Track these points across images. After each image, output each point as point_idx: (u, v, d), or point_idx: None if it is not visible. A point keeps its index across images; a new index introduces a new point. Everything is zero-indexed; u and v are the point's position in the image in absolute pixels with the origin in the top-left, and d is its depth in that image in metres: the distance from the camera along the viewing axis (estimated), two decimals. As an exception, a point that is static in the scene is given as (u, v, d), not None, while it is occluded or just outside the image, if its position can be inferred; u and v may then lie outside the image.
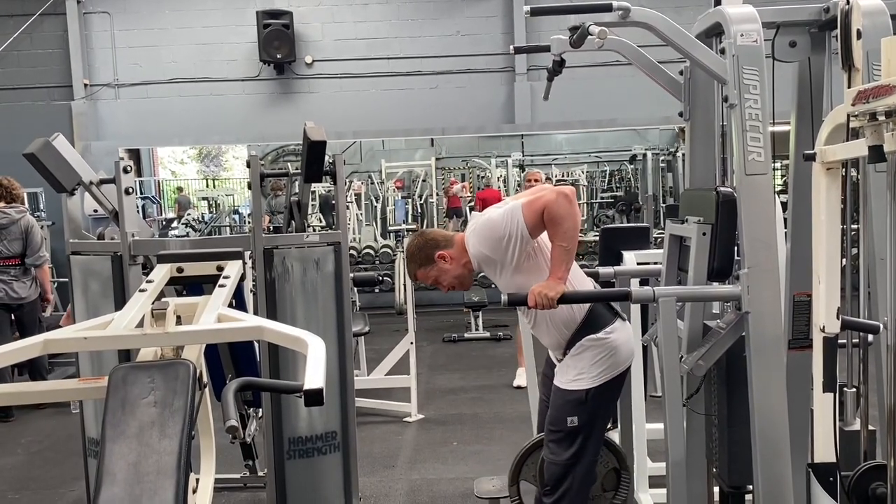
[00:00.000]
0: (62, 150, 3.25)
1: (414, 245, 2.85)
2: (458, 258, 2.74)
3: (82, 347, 2.34)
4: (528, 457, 2.90)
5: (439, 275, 2.78)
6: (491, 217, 2.65)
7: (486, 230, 2.63)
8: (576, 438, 2.63)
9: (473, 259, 2.68)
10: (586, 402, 2.61)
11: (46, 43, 9.41)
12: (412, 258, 2.83)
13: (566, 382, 2.64)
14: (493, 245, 2.60)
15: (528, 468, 2.91)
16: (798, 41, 2.42)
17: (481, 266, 2.70)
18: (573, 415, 2.62)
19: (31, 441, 5.12)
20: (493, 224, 2.61)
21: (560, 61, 2.50)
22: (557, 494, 2.67)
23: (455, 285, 2.82)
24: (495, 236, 2.59)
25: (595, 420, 2.66)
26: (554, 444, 2.68)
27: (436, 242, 2.78)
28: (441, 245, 2.76)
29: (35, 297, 5.83)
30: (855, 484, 1.87)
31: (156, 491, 1.55)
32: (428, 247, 2.78)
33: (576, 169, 12.57)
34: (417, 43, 9.35)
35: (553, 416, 2.70)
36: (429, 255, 2.77)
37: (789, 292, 2.55)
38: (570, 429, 2.62)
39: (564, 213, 2.48)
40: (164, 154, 17.44)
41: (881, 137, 1.55)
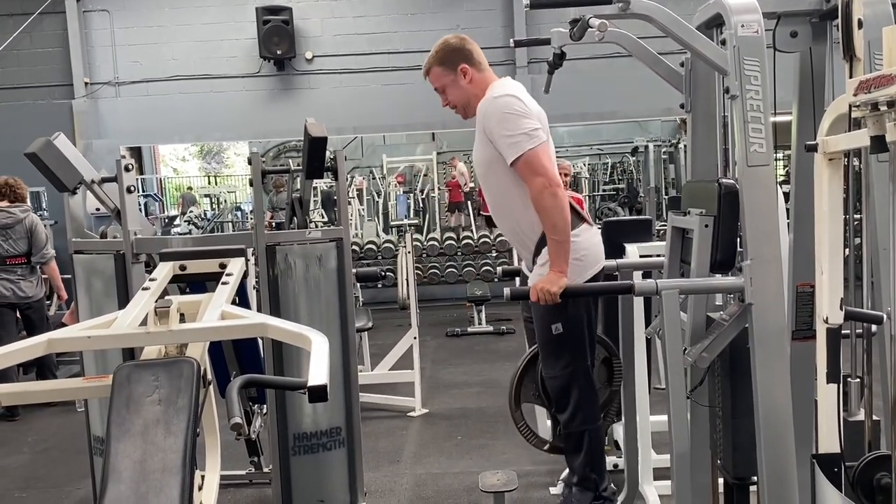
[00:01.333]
0: (63, 148, 3.25)
1: (448, 42, 2.76)
2: (476, 86, 2.70)
3: (86, 346, 2.35)
4: (524, 377, 2.93)
5: (451, 85, 2.72)
6: (507, 114, 2.60)
7: (495, 112, 2.61)
8: (564, 344, 2.66)
9: (478, 108, 2.66)
10: (566, 307, 2.62)
11: (46, 42, 9.40)
12: (438, 53, 2.73)
13: None
14: (490, 125, 2.60)
15: (527, 388, 2.93)
16: (799, 31, 2.41)
17: (477, 117, 2.69)
18: (555, 321, 2.65)
19: (36, 440, 5.14)
20: (502, 119, 2.59)
21: (560, 54, 2.50)
22: (570, 407, 2.71)
23: (458, 106, 2.77)
24: (492, 124, 2.59)
25: (578, 321, 2.68)
26: (547, 357, 2.72)
27: (469, 54, 2.71)
28: (473, 61, 2.71)
29: (42, 296, 5.85)
30: (859, 474, 1.86)
31: (161, 488, 1.56)
32: (461, 53, 2.70)
33: (578, 161, 12.58)
34: (417, 37, 9.32)
35: (538, 328, 2.73)
36: (454, 61, 2.70)
37: (792, 283, 2.54)
38: (556, 336, 2.65)
39: (548, 209, 2.53)
40: (165, 152, 17.46)
41: (883, 127, 1.54)
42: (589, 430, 2.76)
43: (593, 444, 2.78)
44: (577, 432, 2.77)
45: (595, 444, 2.79)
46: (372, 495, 3.84)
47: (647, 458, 3.45)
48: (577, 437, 2.78)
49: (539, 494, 3.77)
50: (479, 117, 2.70)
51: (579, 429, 2.75)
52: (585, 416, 2.74)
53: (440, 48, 2.73)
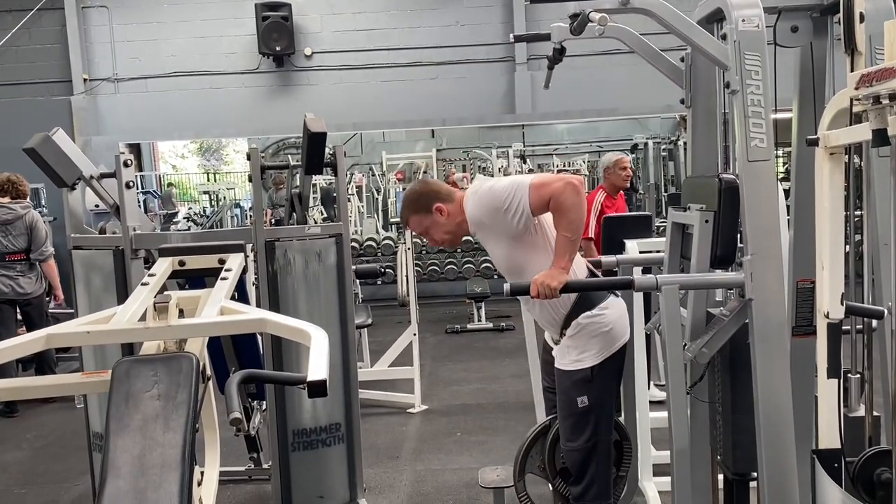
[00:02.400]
0: (62, 144, 3.25)
1: (414, 191, 2.81)
2: (455, 215, 2.72)
3: (85, 342, 2.34)
4: (531, 448, 2.89)
5: (432, 226, 2.75)
6: (494, 186, 2.62)
7: (487, 197, 2.61)
8: (589, 418, 2.63)
9: (469, 221, 2.66)
10: (592, 381, 2.61)
11: (45, 38, 9.38)
12: (409, 204, 2.78)
13: (569, 364, 2.64)
14: (491, 213, 2.59)
15: (534, 459, 2.89)
16: (800, 26, 2.40)
17: (475, 229, 2.69)
18: (582, 394, 2.62)
19: (36, 436, 5.14)
20: (496, 193, 2.58)
21: (560, 49, 2.49)
22: (586, 481, 2.68)
23: (445, 241, 2.80)
24: (494, 205, 2.57)
25: (604, 396, 2.66)
26: (569, 429, 2.68)
27: (436, 193, 2.75)
28: (441, 197, 2.73)
29: (41, 292, 5.85)
30: (860, 470, 1.86)
31: (160, 484, 1.56)
32: (428, 196, 2.74)
33: (577, 158, 12.56)
34: (417, 33, 9.31)
35: (563, 401, 2.69)
36: (426, 205, 2.73)
37: (792, 279, 2.54)
38: (581, 409, 2.63)
39: (571, 205, 2.49)
40: (164, 148, 17.45)
41: (885, 121, 1.54)
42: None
43: None
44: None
45: None
46: (371, 491, 3.84)
47: (647, 455, 3.45)
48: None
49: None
50: (475, 225, 2.67)
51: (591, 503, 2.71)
52: (599, 491, 2.69)
53: (411, 200, 2.79)
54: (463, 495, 3.81)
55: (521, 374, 5.37)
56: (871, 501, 1.82)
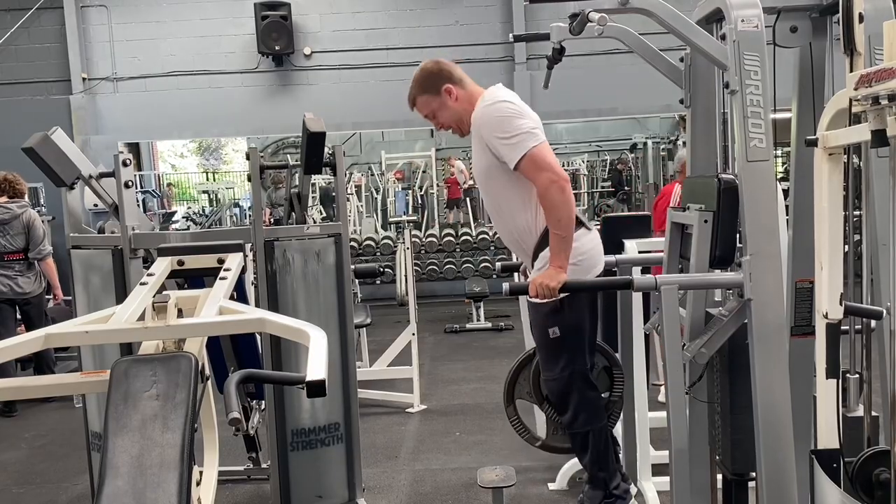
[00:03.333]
0: (61, 144, 3.24)
1: (425, 69, 2.76)
2: (464, 102, 2.69)
3: (84, 341, 2.33)
4: (519, 374, 2.96)
5: (440, 108, 2.72)
6: (504, 117, 2.60)
7: (492, 118, 2.60)
8: (562, 348, 2.67)
9: (472, 119, 2.66)
10: (562, 310, 2.63)
11: (44, 37, 9.37)
12: (418, 81, 2.74)
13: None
14: (487, 130, 2.59)
15: (522, 385, 2.96)
16: (799, 26, 2.41)
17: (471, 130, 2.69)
18: (553, 325, 2.65)
19: (34, 436, 5.14)
20: (501, 123, 2.58)
21: (560, 49, 2.49)
22: (571, 409, 2.72)
23: (451, 125, 2.77)
24: (492, 126, 2.58)
25: (576, 326, 2.68)
26: (545, 360, 2.73)
27: (449, 74, 2.70)
28: (454, 80, 2.70)
29: (40, 291, 5.84)
30: (858, 470, 1.86)
31: (159, 484, 1.55)
32: (439, 76, 2.70)
33: (576, 158, 12.58)
34: (416, 33, 9.31)
35: (536, 333, 2.74)
36: (436, 85, 2.69)
37: (791, 279, 2.54)
38: (553, 340, 2.66)
39: (555, 203, 2.52)
40: (163, 148, 17.44)
41: (884, 122, 1.54)
42: (592, 430, 2.77)
43: (598, 443, 2.78)
44: (581, 433, 2.78)
45: (600, 443, 2.79)
46: (370, 491, 3.84)
47: (646, 454, 3.45)
48: (581, 438, 2.79)
49: (537, 490, 3.77)
50: (474, 128, 2.68)
51: (583, 429, 2.76)
52: (587, 416, 2.74)
53: (419, 76, 2.74)
54: (462, 495, 3.81)
55: (520, 373, 5.36)
56: (870, 501, 1.83)
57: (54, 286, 6.07)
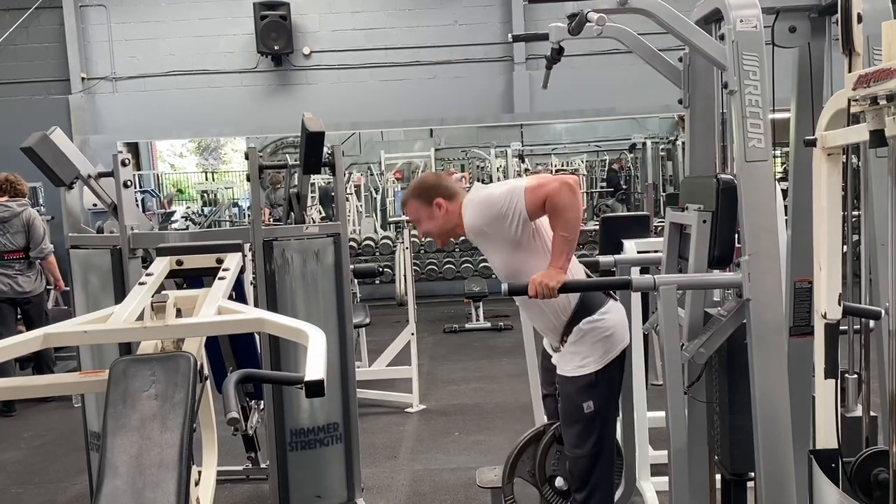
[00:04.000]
0: (60, 143, 3.24)
1: (425, 181, 2.86)
2: (451, 215, 2.73)
3: (82, 341, 2.34)
4: (523, 452, 2.87)
5: (426, 217, 2.76)
6: (491, 193, 2.64)
7: (484, 204, 2.61)
8: (595, 423, 2.63)
9: (468, 229, 2.67)
10: (597, 385, 2.61)
11: (43, 36, 9.37)
12: (415, 189, 2.81)
13: (573, 370, 2.63)
14: (489, 220, 2.59)
15: (525, 464, 2.88)
16: (798, 26, 2.41)
17: (474, 237, 2.70)
18: (587, 400, 2.61)
19: (33, 435, 5.13)
20: (493, 200, 2.59)
21: (559, 49, 2.49)
22: (589, 487, 2.67)
23: (434, 236, 2.82)
24: (492, 213, 2.57)
25: (608, 401, 2.66)
26: (575, 436, 2.66)
27: (444, 190, 2.76)
28: (446, 195, 2.74)
29: (41, 290, 5.84)
30: (857, 470, 1.87)
31: (158, 483, 1.55)
32: (436, 189, 2.75)
33: (575, 158, 12.58)
34: (415, 33, 9.31)
35: (567, 407, 2.68)
36: (430, 196, 2.74)
37: (790, 279, 2.54)
38: (587, 415, 2.62)
39: (567, 204, 2.48)
40: (162, 147, 17.43)
41: (882, 122, 1.54)
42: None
43: None
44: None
45: None
46: (369, 491, 3.84)
47: (645, 454, 3.45)
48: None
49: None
50: (474, 231, 2.66)
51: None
52: (602, 497, 2.69)
53: (418, 187, 2.81)
54: (461, 495, 3.81)
55: (519, 373, 5.37)
56: (868, 501, 1.83)
57: (56, 279, 6.08)
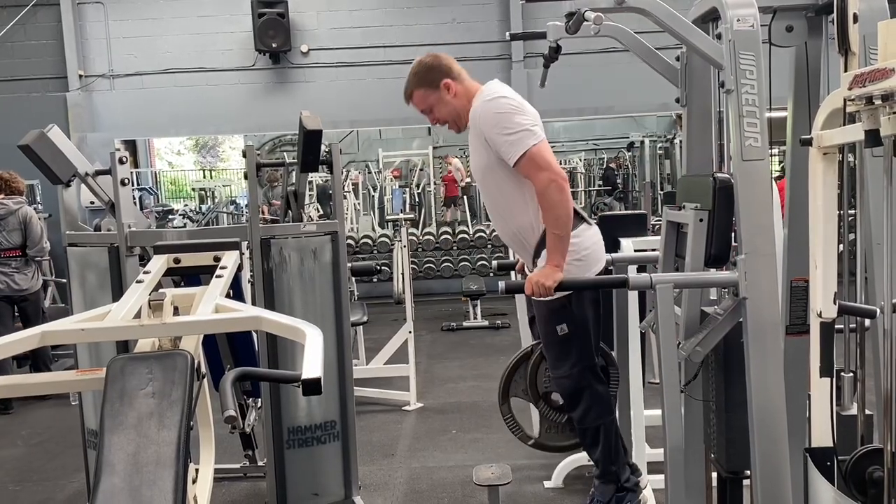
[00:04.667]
0: (57, 141, 3.24)
1: (423, 62, 2.73)
2: (461, 97, 2.66)
3: (80, 339, 2.34)
4: (515, 372, 2.95)
5: (437, 103, 2.69)
6: (503, 113, 2.58)
7: (491, 113, 2.57)
8: (571, 345, 2.67)
9: (471, 115, 2.64)
10: (570, 307, 2.64)
11: (40, 34, 9.35)
12: (416, 75, 2.70)
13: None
14: (487, 127, 2.57)
15: (517, 383, 2.95)
16: (794, 26, 2.41)
17: (469, 125, 2.66)
18: (561, 322, 2.65)
19: (31, 433, 5.13)
20: (499, 119, 2.56)
21: (556, 48, 2.49)
22: (583, 404, 2.72)
23: (447, 120, 2.74)
24: (492, 123, 2.56)
25: (583, 322, 2.69)
26: (554, 358, 2.72)
27: (448, 69, 2.67)
28: (452, 74, 2.67)
29: (38, 288, 5.84)
30: (852, 468, 1.87)
31: (155, 481, 1.56)
32: (438, 70, 2.67)
33: (573, 157, 12.58)
34: (413, 31, 9.30)
35: (544, 331, 2.73)
36: (435, 79, 2.67)
37: (787, 278, 2.55)
38: (562, 337, 2.66)
39: (554, 203, 2.51)
40: (160, 145, 17.41)
41: (877, 121, 1.55)
42: (604, 423, 2.77)
43: (609, 437, 2.78)
44: (592, 427, 2.77)
45: (611, 436, 2.79)
46: (366, 489, 3.85)
47: (641, 452, 3.46)
48: (592, 433, 2.78)
49: (533, 488, 3.78)
50: (472, 123, 2.66)
51: (594, 424, 2.75)
52: (599, 410, 2.74)
53: (417, 70, 2.71)
54: (458, 493, 3.82)
55: (516, 371, 5.37)
56: (863, 499, 1.83)
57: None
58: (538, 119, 2.70)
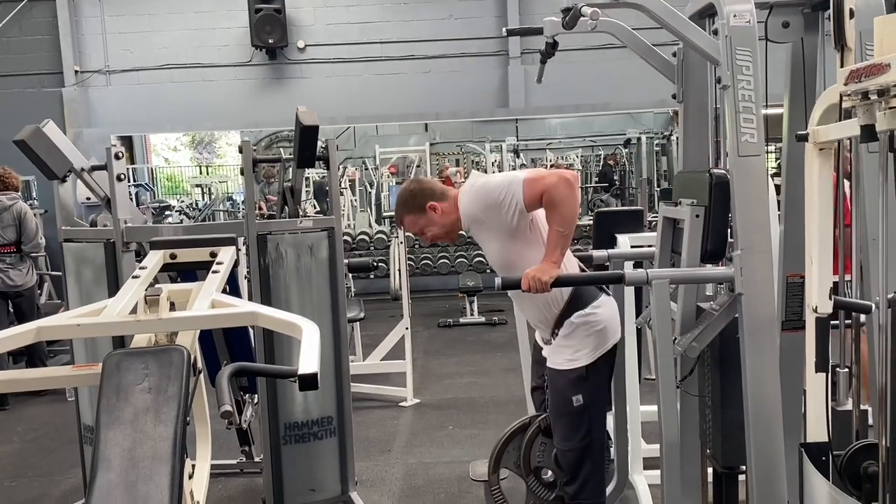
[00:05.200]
0: (52, 136, 3.23)
1: (407, 191, 2.81)
2: (449, 213, 2.72)
3: (75, 334, 2.34)
4: (509, 443, 2.89)
5: (427, 224, 2.75)
6: (488, 182, 2.64)
7: (481, 193, 2.61)
8: (584, 417, 2.64)
9: (464, 217, 2.66)
10: (587, 379, 2.62)
11: (36, 29, 9.32)
12: (403, 204, 2.79)
13: (563, 363, 2.64)
14: (486, 209, 2.59)
15: (510, 455, 2.89)
16: (791, 22, 2.41)
17: (469, 224, 2.68)
18: (577, 393, 2.63)
19: (27, 429, 5.13)
20: (489, 189, 2.59)
21: (553, 44, 2.49)
22: (580, 479, 2.68)
23: (440, 237, 2.80)
24: (489, 201, 2.57)
25: (599, 395, 2.68)
26: (565, 429, 2.68)
27: (431, 192, 2.75)
28: (435, 196, 2.73)
29: (32, 283, 5.83)
30: (847, 463, 1.87)
31: (151, 476, 1.56)
32: (421, 195, 2.74)
33: (570, 153, 12.57)
34: (410, 27, 9.29)
35: (557, 400, 2.69)
36: (420, 204, 2.73)
37: (782, 274, 2.55)
38: (577, 408, 2.63)
39: (563, 199, 2.49)
40: (156, 141, 17.35)
41: (873, 117, 1.55)
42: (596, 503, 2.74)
43: None
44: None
45: None
46: (363, 484, 3.85)
47: (637, 448, 3.47)
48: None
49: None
50: (470, 221, 2.66)
51: (587, 502, 2.71)
52: (594, 489, 2.71)
53: (404, 200, 2.78)
54: (454, 488, 3.82)
55: (512, 367, 5.39)
56: (858, 494, 1.84)
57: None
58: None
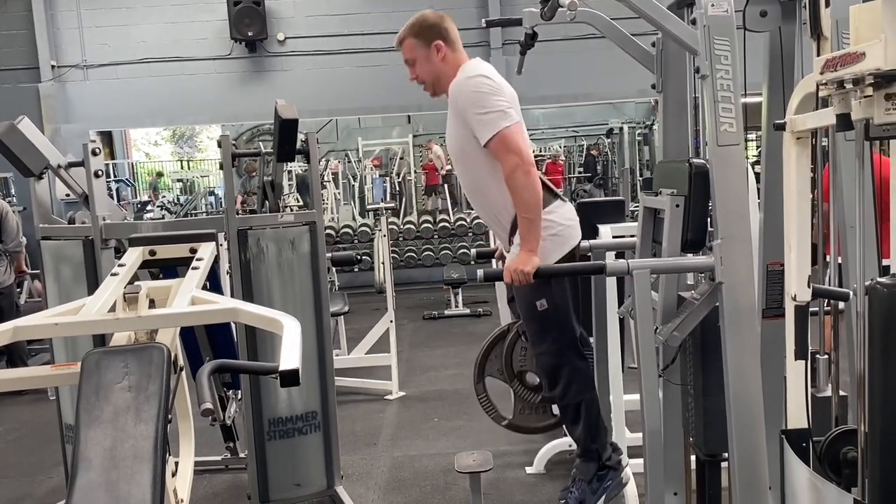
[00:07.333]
0: (28, 133, 3.19)
1: (425, 16, 2.76)
2: (447, 65, 2.69)
3: (53, 333, 2.31)
4: (490, 351, 2.95)
5: (421, 59, 2.72)
6: (483, 92, 2.60)
7: (470, 90, 2.60)
8: (551, 319, 2.68)
9: (451, 87, 2.66)
10: (549, 284, 2.64)
11: (11, 24, 9.19)
12: (416, 26, 2.72)
13: None
14: (462, 102, 2.60)
15: (493, 363, 2.95)
16: (768, 11, 2.42)
17: (449, 104, 2.68)
18: (540, 298, 2.66)
19: (7, 429, 5.08)
20: (477, 99, 2.58)
21: (532, 34, 2.49)
22: (563, 380, 2.72)
23: (425, 81, 2.77)
24: (467, 101, 2.59)
25: (561, 299, 2.70)
26: (534, 334, 2.73)
27: (445, 33, 2.70)
28: (448, 41, 2.70)
29: (10, 282, 5.76)
30: (826, 449, 1.89)
31: (132, 475, 1.54)
32: (437, 30, 2.70)
33: (553, 143, 12.60)
34: (392, 18, 9.23)
35: (523, 307, 2.73)
36: (429, 36, 2.69)
37: (762, 262, 2.57)
38: (541, 313, 2.67)
39: (522, 186, 2.54)
40: (137, 136, 17.21)
41: (849, 105, 1.55)
42: (584, 400, 2.77)
43: (590, 414, 2.79)
44: (573, 404, 2.77)
45: (592, 414, 2.79)
46: (349, 478, 3.85)
47: (621, 437, 3.48)
48: (573, 409, 2.78)
49: (514, 475, 3.80)
50: (451, 98, 2.68)
51: (575, 400, 2.76)
52: (579, 387, 2.75)
53: (417, 21, 2.73)
54: (440, 480, 3.83)
55: (497, 359, 5.39)
56: (838, 480, 1.86)
57: (22, 271, 6.01)
58: (516, 101, 2.70)
